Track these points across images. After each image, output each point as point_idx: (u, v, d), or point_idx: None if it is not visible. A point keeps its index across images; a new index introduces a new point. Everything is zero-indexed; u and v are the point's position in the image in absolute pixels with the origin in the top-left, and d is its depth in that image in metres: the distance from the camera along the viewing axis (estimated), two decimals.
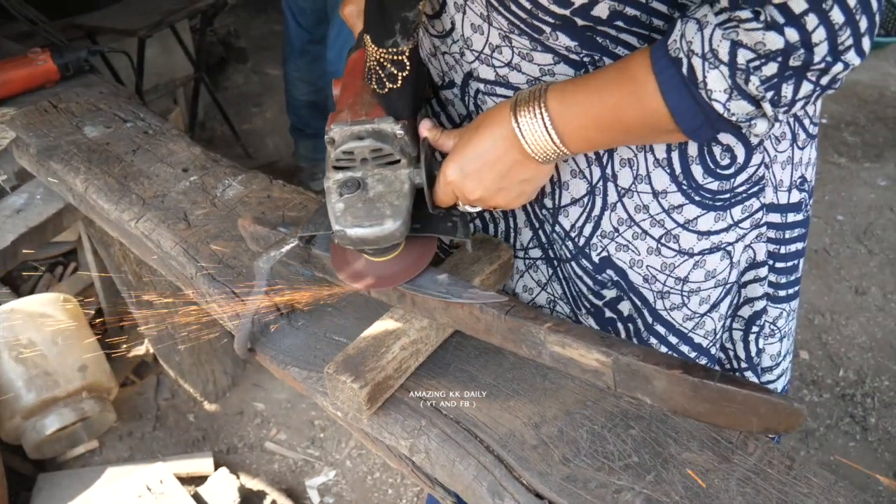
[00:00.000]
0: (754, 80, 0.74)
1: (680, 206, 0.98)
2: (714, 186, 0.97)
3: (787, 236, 1.06)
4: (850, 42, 0.71)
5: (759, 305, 1.10)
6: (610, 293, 1.08)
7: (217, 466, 2.24)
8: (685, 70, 0.76)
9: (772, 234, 1.05)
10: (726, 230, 1.00)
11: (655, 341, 1.08)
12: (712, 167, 0.96)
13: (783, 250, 1.07)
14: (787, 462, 0.88)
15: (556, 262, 1.11)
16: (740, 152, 0.96)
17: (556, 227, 1.07)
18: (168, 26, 3.24)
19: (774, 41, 0.70)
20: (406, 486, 2.23)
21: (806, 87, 0.74)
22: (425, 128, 0.97)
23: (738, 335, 1.14)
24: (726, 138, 0.95)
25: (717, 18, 0.74)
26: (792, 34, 0.70)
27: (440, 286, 0.99)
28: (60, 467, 2.25)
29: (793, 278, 1.11)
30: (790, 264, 1.09)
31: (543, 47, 0.91)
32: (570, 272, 1.10)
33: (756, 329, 1.12)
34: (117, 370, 2.42)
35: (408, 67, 0.93)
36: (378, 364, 0.97)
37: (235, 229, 1.31)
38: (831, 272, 3.02)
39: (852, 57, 0.72)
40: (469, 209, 0.98)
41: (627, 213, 1.00)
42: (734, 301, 1.11)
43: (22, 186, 1.86)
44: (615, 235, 1.02)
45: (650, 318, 1.07)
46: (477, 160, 0.90)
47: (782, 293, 1.11)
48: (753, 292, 1.09)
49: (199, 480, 2.20)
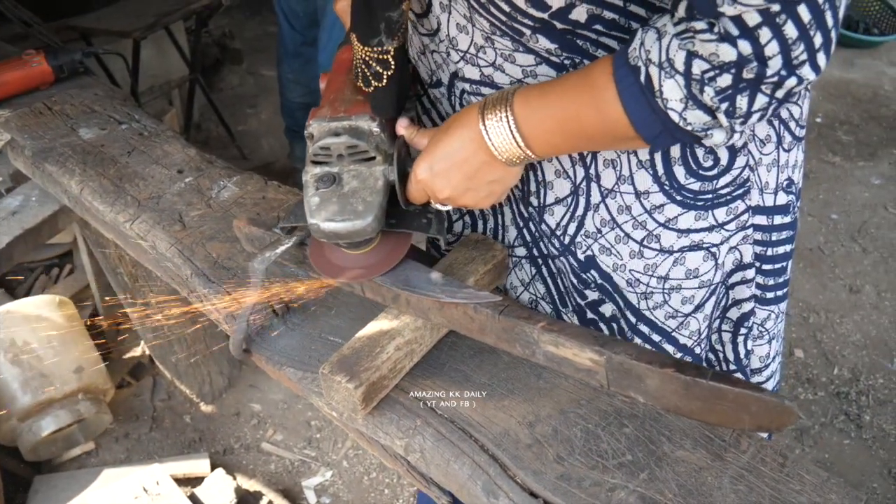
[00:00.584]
0: (709, 91, 0.74)
1: (661, 206, 0.99)
2: (696, 187, 0.98)
3: (774, 238, 1.07)
4: (805, 57, 0.71)
5: (747, 307, 1.10)
6: (592, 294, 1.09)
7: (213, 467, 2.24)
8: (643, 78, 0.77)
9: (758, 236, 1.05)
10: (708, 230, 1.01)
11: (639, 340, 1.09)
12: (695, 168, 0.97)
13: (770, 252, 1.08)
14: (780, 459, 0.89)
15: (542, 260, 1.12)
16: (723, 154, 0.97)
17: (542, 226, 1.07)
18: (163, 28, 3.23)
19: (728, 53, 0.71)
20: (402, 486, 2.23)
21: (761, 100, 0.75)
22: (401, 126, 0.99)
23: (727, 337, 1.14)
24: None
25: (675, 29, 0.75)
26: (745, 47, 0.70)
27: (434, 286, 0.99)
28: (57, 469, 2.25)
29: (781, 280, 1.12)
30: (777, 266, 1.10)
31: (525, 49, 0.92)
32: (558, 268, 1.10)
33: (744, 331, 1.13)
34: (113, 372, 2.41)
35: (393, 67, 0.94)
36: (373, 364, 0.98)
37: (230, 230, 1.32)
38: (825, 271, 3.03)
39: (807, 72, 0.73)
40: (440, 207, 1.00)
41: (610, 214, 1.01)
42: (722, 303, 1.11)
43: (17, 188, 1.86)
44: (598, 236, 1.03)
45: (633, 319, 1.08)
46: (446, 160, 0.92)
47: (770, 295, 1.12)
48: (741, 294, 1.10)
49: (196, 481, 2.20)
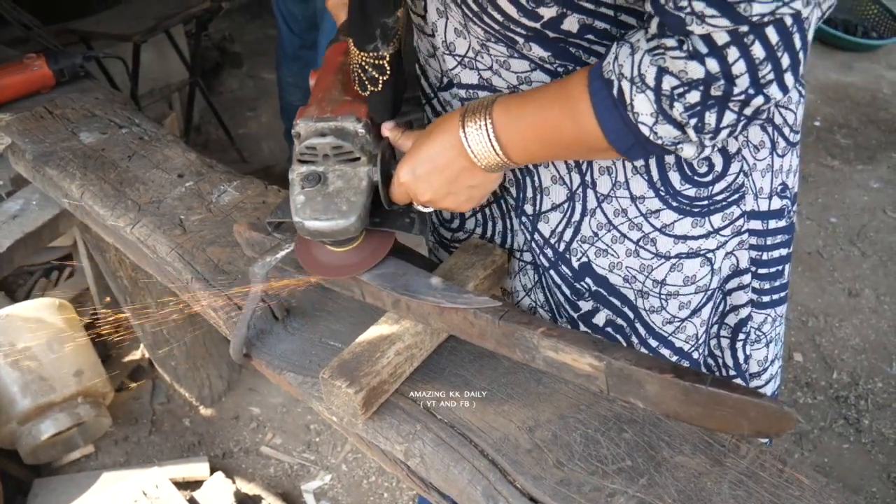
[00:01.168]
0: (678, 107, 0.76)
1: (657, 211, 1.00)
2: (692, 193, 0.99)
3: (770, 243, 1.08)
4: (772, 77, 0.73)
5: (744, 313, 1.11)
6: (586, 305, 1.09)
7: (213, 471, 2.24)
8: (615, 92, 0.79)
9: (754, 241, 1.06)
10: (705, 236, 1.02)
11: (637, 341, 1.10)
12: (689, 174, 0.98)
13: (766, 257, 1.08)
14: (779, 465, 0.89)
15: (542, 269, 1.12)
16: (718, 161, 0.98)
17: (535, 235, 1.08)
18: (163, 31, 3.24)
19: (696, 70, 0.73)
20: (402, 490, 2.23)
21: (729, 117, 0.76)
22: (386, 128, 1.00)
23: (726, 343, 1.15)
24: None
25: (648, 45, 0.76)
26: (713, 65, 0.72)
27: (434, 291, 0.99)
28: (56, 472, 2.25)
29: (777, 284, 1.12)
30: (773, 270, 1.10)
31: (520, 55, 0.93)
32: (551, 281, 1.11)
33: (742, 336, 1.13)
34: (113, 375, 2.42)
35: (388, 72, 0.95)
36: (373, 369, 0.98)
37: (231, 235, 1.32)
38: (824, 274, 3.03)
39: (774, 91, 0.74)
40: (422, 209, 1.01)
41: (607, 218, 1.02)
42: (720, 308, 1.12)
43: (17, 192, 1.86)
44: (594, 240, 1.04)
45: (631, 315, 1.08)
46: (427, 164, 0.93)
47: (766, 299, 1.12)
48: (738, 300, 1.10)
49: (195, 485, 2.20)
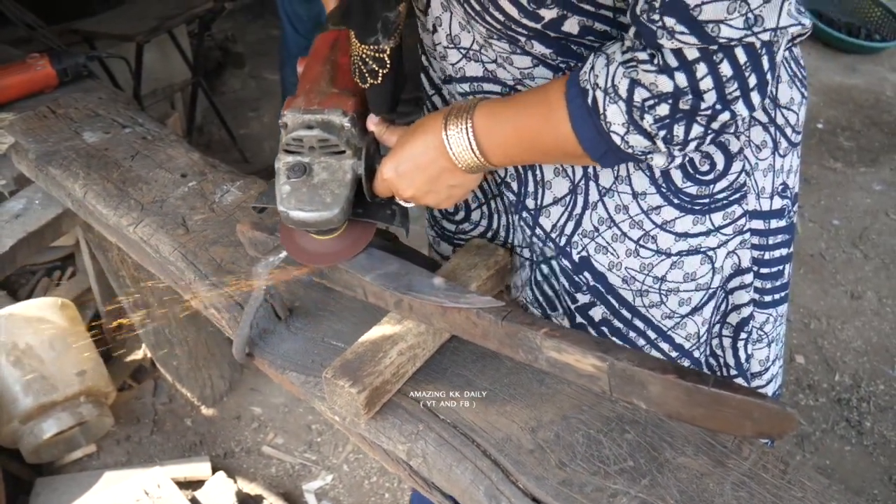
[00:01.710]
0: (648, 119, 0.78)
1: (658, 208, 1.00)
2: (693, 191, 0.99)
3: (771, 242, 1.08)
4: (738, 94, 0.75)
5: (746, 312, 1.11)
6: (583, 298, 1.10)
7: (214, 471, 2.25)
8: (590, 101, 0.81)
9: (756, 241, 1.07)
10: (706, 234, 1.02)
11: (634, 335, 1.10)
12: (691, 172, 0.99)
13: (767, 256, 1.09)
14: (782, 466, 0.89)
15: (535, 265, 1.13)
16: (720, 160, 0.99)
17: (537, 230, 1.08)
18: (166, 31, 3.25)
19: (665, 84, 0.75)
20: (403, 491, 2.23)
21: (696, 130, 0.79)
22: (372, 122, 1.02)
23: (728, 342, 1.15)
24: (705, 146, 0.97)
25: (622, 57, 0.78)
26: (681, 79, 0.74)
27: (437, 291, 1.00)
28: (58, 472, 2.25)
29: (778, 283, 1.13)
30: (775, 270, 1.11)
31: (522, 52, 0.94)
32: (547, 272, 1.11)
33: (744, 335, 1.14)
34: (115, 375, 2.42)
35: (388, 65, 0.96)
36: (376, 369, 0.98)
37: (234, 234, 1.32)
38: (827, 277, 3.03)
39: (741, 108, 0.76)
40: (404, 204, 1.02)
41: (608, 213, 1.02)
42: (722, 308, 1.12)
43: (20, 191, 1.86)
44: (595, 235, 1.04)
45: (629, 315, 1.09)
46: (409, 162, 0.95)
47: (768, 298, 1.13)
48: (740, 299, 1.11)
49: (197, 485, 2.20)
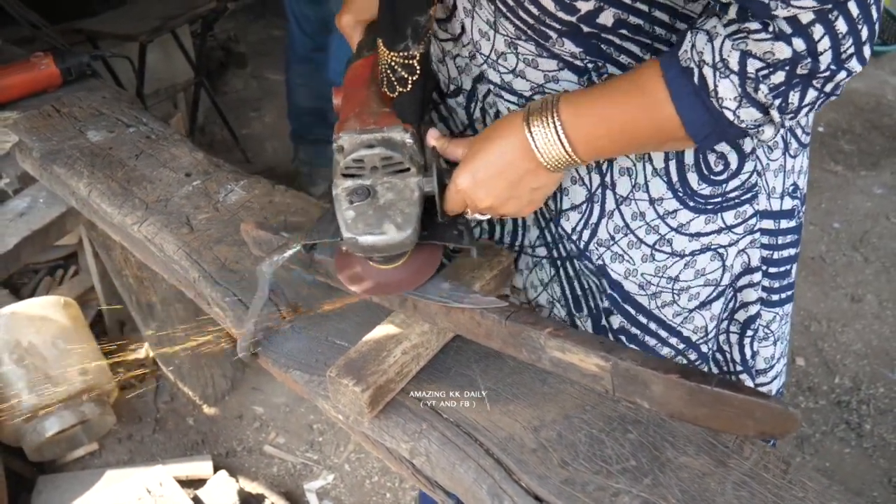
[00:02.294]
0: (763, 89, 0.77)
1: (674, 212, 1.01)
2: (707, 192, 1.00)
3: (780, 242, 1.09)
4: (853, 50, 0.74)
5: (754, 310, 1.12)
6: (604, 303, 1.10)
7: (216, 469, 2.25)
8: (696, 79, 0.79)
9: (765, 240, 1.07)
10: (717, 232, 1.03)
11: (648, 337, 1.11)
12: (706, 174, 0.99)
13: (776, 255, 1.10)
14: (783, 466, 0.89)
15: (560, 262, 1.13)
16: (733, 159, 0.99)
17: (559, 228, 1.09)
18: (169, 31, 3.26)
19: (783, 51, 0.74)
20: (404, 491, 2.24)
21: (811, 94, 0.78)
22: (433, 137, 0.98)
23: (734, 339, 1.16)
24: (721, 146, 0.98)
25: (727, 30, 0.77)
26: (799, 44, 0.73)
27: (442, 291, 1.00)
28: (60, 470, 2.26)
29: (786, 283, 1.14)
30: (783, 269, 1.12)
31: (549, 53, 0.93)
32: (577, 269, 1.11)
33: (751, 333, 1.14)
34: (117, 373, 2.42)
35: (418, 71, 0.94)
36: (380, 368, 0.98)
37: (238, 234, 1.32)
38: (827, 279, 3.03)
39: (854, 64, 0.75)
40: (479, 217, 0.99)
41: (624, 221, 1.02)
42: (731, 305, 1.13)
43: (25, 190, 1.87)
44: (611, 244, 1.04)
45: (645, 320, 1.09)
46: (488, 168, 0.91)
47: (775, 297, 1.14)
48: (748, 297, 1.12)
49: (199, 483, 2.21)
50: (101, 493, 2.11)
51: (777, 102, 0.78)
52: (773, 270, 1.11)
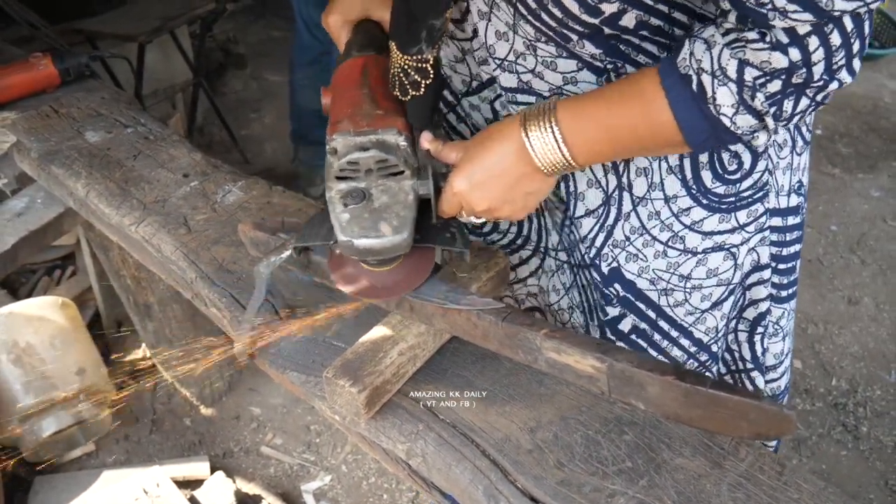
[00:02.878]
0: (759, 97, 0.79)
1: (688, 209, 1.02)
2: (721, 191, 1.01)
3: (788, 238, 1.11)
4: (844, 62, 0.76)
5: (764, 307, 1.14)
6: (613, 311, 1.10)
7: (213, 470, 2.25)
8: (695, 86, 0.81)
9: (774, 238, 1.09)
10: (731, 232, 1.04)
11: (659, 337, 1.11)
12: (720, 172, 1.00)
13: (784, 252, 1.12)
14: (778, 468, 0.90)
15: (577, 269, 1.13)
16: (747, 159, 1.00)
17: (573, 235, 1.09)
18: (168, 32, 3.26)
19: (779, 60, 0.76)
20: (401, 492, 2.24)
21: (804, 103, 0.80)
22: (426, 140, 0.98)
23: (744, 336, 1.17)
24: (734, 145, 0.98)
25: (725, 39, 0.79)
26: (795, 54, 0.75)
27: (438, 293, 1.00)
28: (57, 470, 2.25)
29: (792, 279, 1.16)
30: (790, 265, 1.14)
31: (569, 54, 0.93)
32: (586, 279, 1.12)
33: (761, 330, 1.16)
34: (114, 374, 2.42)
35: (431, 75, 0.95)
36: (376, 369, 0.99)
37: (235, 235, 1.33)
38: (824, 282, 3.04)
39: (844, 75, 0.78)
40: (473, 220, 0.99)
41: (640, 222, 1.03)
42: (739, 303, 1.14)
43: (22, 190, 1.87)
44: (626, 245, 1.05)
45: (654, 315, 1.10)
46: (485, 172, 0.92)
47: (784, 293, 1.16)
48: (758, 294, 1.13)
49: (196, 484, 2.21)
50: (98, 494, 2.10)
51: (772, 110, 0.80)
52: (782, 267, 1.13)
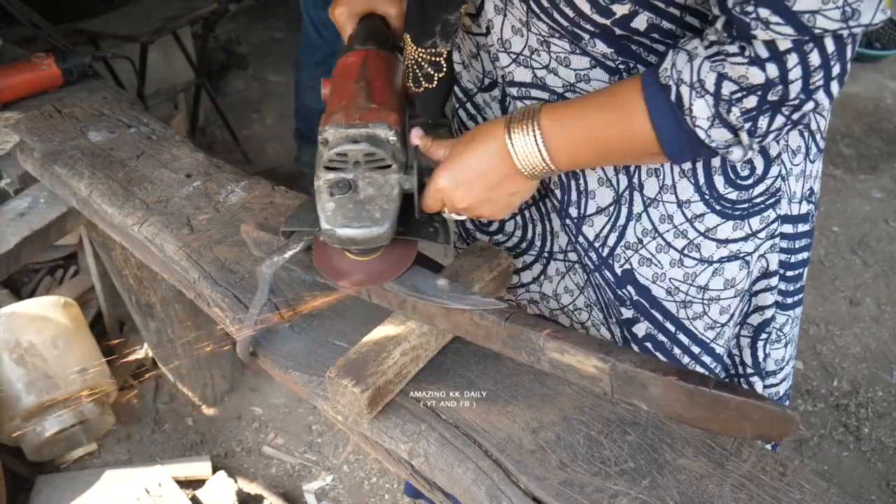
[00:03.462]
0: (735, 111, 0.79)
1: (702, 215, 1.01)
2: (733, 196, 1.01)
3: (797, 246, 1.10)
4: (822, 83, 0.76)
5: (769, 313, 1.13)
6: (627, 313, 1.10)
7: (215, 470, 2.25)
8: (673, 97, 0.81)
9: (784, 245, 1.09)
10: (744, 239, 1.04)
11: (679, 351, 1.11)
12: (733, 178, 1.00)
13: (793, 259, 1.11)
14: (781, 469, 0.90)
15: (589, 269, 1.13)
16: (759, 164, 1.00)
17: (580, 238, 1.09)
18: (170, 32, 3.26)
19: (756, 76, 0.76)
20: (402, 492, 2.24)
21: (779, 120, 0.80)
22: (416, 136, 1.00)
23: (746, 342, 1.17)
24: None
25: (707, 51, 0.79)
26: (772, 70, 0.75)
27: (441, 293, 1.00)
28: (59, 470, 2.26)
29: (799, 286, 1.15)
30: (797, 273, 1.13)
31: (581, 52, 0.94)
32: (598, 281, 1.12)
33: (764, 336, 1.15)
34: (116, 373, 2.43)
35: (444, 69, 0.96)
36: (379, 369, 0.99)
37: (238, 235, 1.33)
38: (826, 283, 3.04)
39: (821, 97, 0.78)
40: (455, 217, 1.01)
41: (652, 224, 1.03)
42: (744, 309, 1.13)
43: (25, 190, 1.87)
44: (639, 247, 1.05)
45: (673, 328, 1.09)
46: (469, 171, 0.93)
47: (790, 300, 1.15)
48: (764, 301, 1.12)
49: (197, 484, 2.21)
50: (100, 494, 2.10)
51: (747, 125, 0.80)
52: (790, 274, 1.12)
